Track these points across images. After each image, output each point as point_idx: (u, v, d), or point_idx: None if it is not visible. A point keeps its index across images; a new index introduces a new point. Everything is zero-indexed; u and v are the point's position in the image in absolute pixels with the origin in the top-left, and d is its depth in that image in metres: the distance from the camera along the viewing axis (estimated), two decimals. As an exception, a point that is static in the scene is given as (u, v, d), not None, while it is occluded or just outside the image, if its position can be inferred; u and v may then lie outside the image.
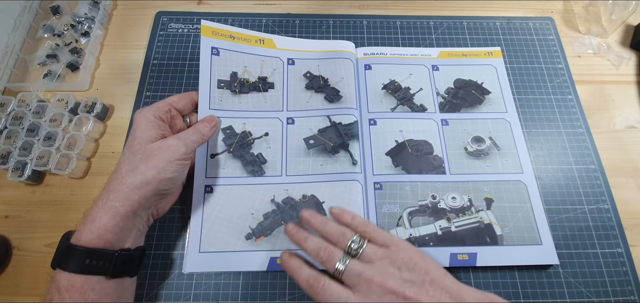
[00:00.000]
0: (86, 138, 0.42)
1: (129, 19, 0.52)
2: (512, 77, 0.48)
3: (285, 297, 0.37)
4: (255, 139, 0.42)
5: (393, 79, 0.47)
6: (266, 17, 0.51)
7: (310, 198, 0.39)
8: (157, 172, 0.32)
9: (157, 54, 0.48)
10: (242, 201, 0.39)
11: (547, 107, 0.46)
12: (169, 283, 0.37)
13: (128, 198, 0.31)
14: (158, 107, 0.36)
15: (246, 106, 0.43)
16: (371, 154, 0.42)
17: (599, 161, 0.43)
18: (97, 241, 0.29)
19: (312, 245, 0.33)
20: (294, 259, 0.33)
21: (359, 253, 0.32)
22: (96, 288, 0.29)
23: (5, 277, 0.38)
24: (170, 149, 0.33)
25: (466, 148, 0.43)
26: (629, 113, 0.47)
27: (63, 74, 0.47)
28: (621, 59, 0.50)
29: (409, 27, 0.51)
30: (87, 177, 0.42)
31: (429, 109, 0.45)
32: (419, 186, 0.40)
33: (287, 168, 0.41)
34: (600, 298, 0.37)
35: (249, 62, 0.45)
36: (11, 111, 0.44)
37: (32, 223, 0.40)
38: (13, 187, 0.41)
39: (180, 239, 0.39)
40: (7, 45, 0.46)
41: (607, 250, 0.39)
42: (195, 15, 0.52)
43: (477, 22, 0.52)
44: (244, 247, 0.37)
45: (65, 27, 0.50)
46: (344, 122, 0.43)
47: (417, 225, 0.39)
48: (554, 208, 0.41)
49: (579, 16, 0.53)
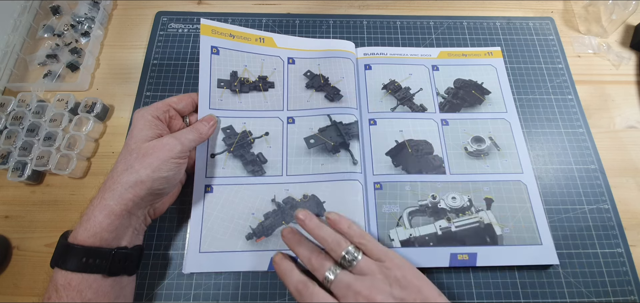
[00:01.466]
0: (86, 138, 0.42)
1: (129, 19, 0.52)
2: (512, 77, 0.48)
3: (285, 297, 0.37)
4: (256, 139, 0.42)
5: (393, 79, 0.47)
6: (266, 17, 0.51)
7: (311, 197, 0.39)
8: (152, 171, 0.32)
9: (157, 54, 0.48)
10: (243, 201, 0.39)
11: (547, 107, 0.46)
12: (168, 283, 0.37)
13: (122, 196, 0.31)
14: (156, 107, 0.36)
15: (246, 106, 0.43)
16: (371, 154, 0.42)
17: (599, 161, 0.43)
18: (93, 240, 0.29)
19: (304, 251, 0.33)
20: (285, 262, 0.34)
21: (352, 265, 0.32)
22: (93, 287, 0.29)
23: (5, 276, 0.38)
24: (165, 148, 0.33)
25: (466, 148, 0.43)
26: (629, 113, 0.47)
27: (63, 74, 0.47)
28: (621, 59, 0.50)
29: (409, 27, 0.51)
30: (87, 177, 0.42)
31: (429, 109, 0.45)
32: (419, 186, 0.40)
33: (287, 167, 0.41)
34: (600, 298, 0.37)
35: (249, 62, 0.45)
36: (11, 111, 0.44)
37: (32, 223, 0.40)
38: (13, 187, 0.41)
39: (180, 239, 0.39)
40: (7, 45, 0.46)
41: (607, 250, 0.39)
42: (195, 15, 0.52)
43: (477, 22, 0.52)
44: (245, 247, 0.37)
45: (65, 27, 0.50)
46: (345, 121, 0.43)
47: (417, 225, 0.39)
48: (554, 208, 0.41)
49: (579, 16, 0.53)
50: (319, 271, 0.32)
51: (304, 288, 0.31)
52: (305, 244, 0.34)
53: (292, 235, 0.35)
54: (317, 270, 0.32)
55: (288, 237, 0.35)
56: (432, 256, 0.37)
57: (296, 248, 0.34)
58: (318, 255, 0.32)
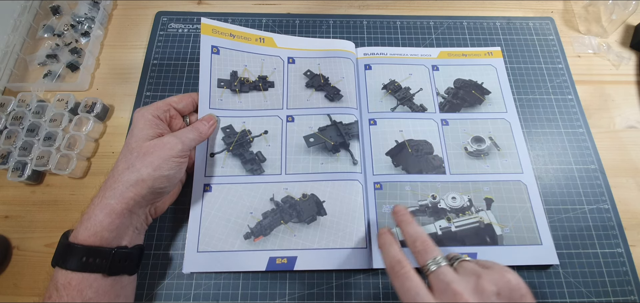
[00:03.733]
0: (86, 138, 0.42)
1: (129, 19, 0.52)
2: (512, 77, 0.48)
3: (285, 297, 0.37)
4: (255, 138, 0.42)
5: (393, 79, 0.47)
6: (266, 17, 0.51)
7: (310, 197, 0.39)
8: (153, 169, 0.32)
9: (157, 54, 0.48)
10: (241, 200, 0.39)
11: (547, 107, 0.46)
12: (168, 283, 0.37)
13: (123, 195, 0.31)
14: (157, 106, 0.36)
15: (246, 105, 0.43)
16: (371, 154, 0.42)
17: (599, 161, 0.43)
18: (93, 239, 0.29)
19: (412, 231, 0.31)
20: (389, 235, 0.32)
21: (458, 263, 0.29)
22: (94, 286, 0.29)
23: (5, 277, 0.38)
24: (166, 146, 0.33)
25: (466, 148, 0.43)
26: (629, 113, 0.47)
27: (63, 74, 0.47)
28: (621, 59, 0.50)
29: (409, 27, 0.51)
30: (87, 177, 0.42)
31: (429, 109, 0.45)
32: (419, 186, 0.40)
33: (286, 166, 0.41)
34: (600, 298, 0.37)
35: (249, 61, 0.45)
36: (11, 111, 0.44)
37: (32, 223, 0.40)
38: (13, 187, 0.41)
39: (180, 239, 0.39)
40: (7, 45, 0.46)
41: (607, 250, 0.39)
42: (195, 15, 0.52)
43: (477, 22, 0.52)
44: (242, 247, 0.37)
45: (65, 27, 0.50)
46: (345, 121, 0.43)
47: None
48: (554, 208, 0.41)
49: (579, 16, 0.53)
50: (422, 256, 0.29)
51: (399, 268, 0.28)
52: (415, 226, 0.32)
53: (405, 213, 0.33)
54: (420, 254, 0.29)
55: (401, 212, 0.33)
56: None
57: (406, 226, 0.32)
58: (425, 241, 0.30)
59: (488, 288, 0.26)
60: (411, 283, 0.27)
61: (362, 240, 0.37)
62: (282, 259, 0.36)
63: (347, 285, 0.37)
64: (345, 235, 0.37)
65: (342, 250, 0.37)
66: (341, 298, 0.37)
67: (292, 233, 0.37)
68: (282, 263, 0.36)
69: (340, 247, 0.37)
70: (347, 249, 0.37)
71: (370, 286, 0.37)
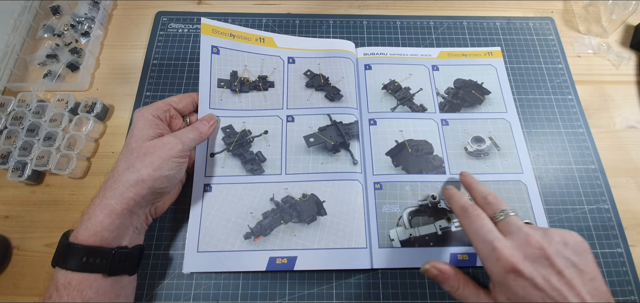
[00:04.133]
0: (86, 138, 0.42)
1: (129, 19, 0.52)
2: (512, 77, 0.48)
3: (285, 297, 0.37)
4: (255, 137, 0.42)
5: (393, 79, 0.47)
6: (266, 17, 0.51)
7: (310, 197, 0.39)
8: (153, 169, 0.32)
9: (157, 54, 0.48)
10: (241, 200, 0.39)
11: (547, 107, 0.46)
12: (168, 283, 0.37)
13: (123, 195, 0.31)
14: (157, 106, 0.36)
15: (246, 105, 0.43)
16: (371, 154, 0.42)
17: (599, 161, 0.43)
18: (93, 239, 0.29)
19: (482, 189, 0.34)
20: (456, 189, 0.35)
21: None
22: (94, 286, 0.29)
23: (5, 277, 0.38)
24: (166, 146, 0.33)
25: (466, 148, 0.43)
26: (629, 113, 0.47)
27: (63, 74, 0.47)
28: (621, 59, 0.50)
29: (409, 27, 0.51)
30: (87, 177, 0.42)
31: (429, 109, 0.45)
32: (419, 186, 0.40)
33: (286, 166, 0.41)
34: (601, 298, 0.37)
35: (249, 61, 0.45)
36: (11, 111, 0.44)
37: (32, 223, 0.40)
38: (13, 187, 0.41)
39: (180, 239, 0.39)
40: (7, 45, 0.46)
41: (607, 250, 0.39)
42: (195, 15, 0.52)
43: (477, 22, 0.52)
44: (242, 247, 0.37)
45: (65, 27, 0.50)
46: (345, 121, 0.43)
47: (417, 225, 0.39)
48: (554, 208, 0.41)
49: (579, 16, 0.53)
50: (492, 207, 0.31)
51: (471, 208, 0.31)
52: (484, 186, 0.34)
53: (473, 176, 0.37)
54: (491, 206, 0.31)
55: (466, 176, 0.37)
56: (432, 257, 0.37)
57: (476, 185, 0.34)
58: (497, 195, 0.32)
59: (556, 237, 0.28)
60: (484, 221, 0.29)
61: (362, 240, 0.37)
62: (282, 259, 0.36)
63: (347, 285, 0.37)
64: (345, 235, 0.37)
65: (342, 250, 0.37)
66: (341, 298, 0.37)
67: (292, 233, 0.37)
68: (282, 263, 0.36)
69: (340, 247, 0.37)
70: (347, 249, 0.37)
71: (370, 286, 0.37)
